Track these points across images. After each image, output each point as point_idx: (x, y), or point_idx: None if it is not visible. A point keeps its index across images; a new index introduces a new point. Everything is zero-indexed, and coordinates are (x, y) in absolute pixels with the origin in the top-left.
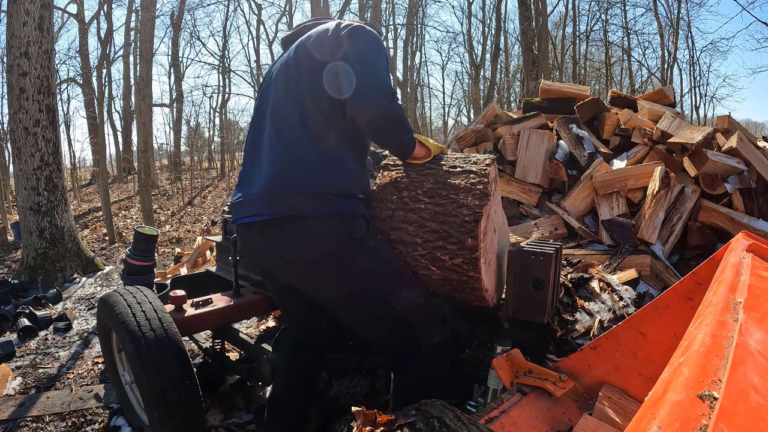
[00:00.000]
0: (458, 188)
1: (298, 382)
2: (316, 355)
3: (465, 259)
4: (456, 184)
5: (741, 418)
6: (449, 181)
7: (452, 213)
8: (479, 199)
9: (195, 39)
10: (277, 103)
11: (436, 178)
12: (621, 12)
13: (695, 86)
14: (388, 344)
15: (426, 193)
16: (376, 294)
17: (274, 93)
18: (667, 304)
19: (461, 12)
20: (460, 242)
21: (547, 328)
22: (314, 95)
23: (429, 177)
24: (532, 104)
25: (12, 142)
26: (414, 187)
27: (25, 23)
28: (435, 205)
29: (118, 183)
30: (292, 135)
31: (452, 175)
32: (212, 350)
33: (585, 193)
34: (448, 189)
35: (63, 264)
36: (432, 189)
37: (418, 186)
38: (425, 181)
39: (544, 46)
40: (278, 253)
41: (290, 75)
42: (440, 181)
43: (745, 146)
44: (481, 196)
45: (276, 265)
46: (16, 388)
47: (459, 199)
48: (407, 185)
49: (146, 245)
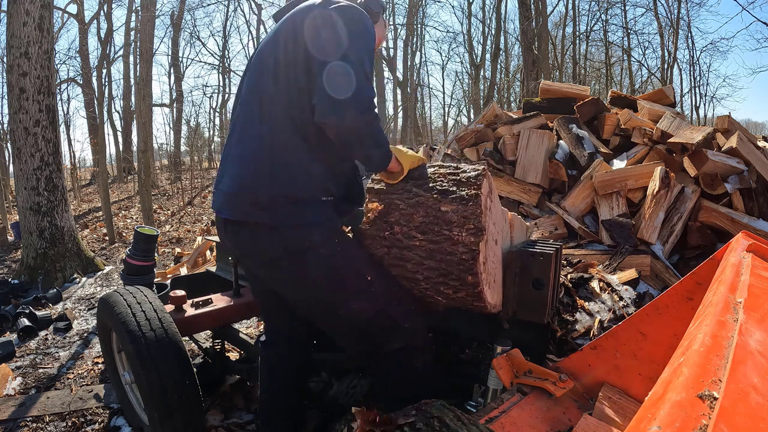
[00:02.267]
0: (451, 223)
1: (284, 385)
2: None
3: (468, 293)
4: (448, 218)
5: (741, 418)
6: (441, 211)
7: (448, 251)
8: (474, 235)
9: (195, 39)
10: (246, 95)
11: (426, 209)
12: (621, 12)
13: (695, 86)
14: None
15: (418, 228)
16: (326, 304)
17: (247, 81)
18: (667, 304)
19: (461, 12)
20: (460, 279)
21: (547, 328)
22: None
23: (419, 209)
24: (532, 104)
25: (12, 142)
26: (405, 222)
27: (25, 23)
28: (429, 242)
29: (118, 183)
30: (253, 134)
31: (443, 203)
32: (212, 350)
33: (585, 193)
34: (440, 224)
35: (63, 264)
36: (424, 224)
37: (410, 220)
38: (415, 213)
39: (544, 46)
40: (238, 248)
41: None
42: (431, 214)
43: (745, 146)
44: (476, 231)
45: (239, 257)
46: (16, 388)
47: (453, 235)
48: (398, 220)
49: (146, 245)
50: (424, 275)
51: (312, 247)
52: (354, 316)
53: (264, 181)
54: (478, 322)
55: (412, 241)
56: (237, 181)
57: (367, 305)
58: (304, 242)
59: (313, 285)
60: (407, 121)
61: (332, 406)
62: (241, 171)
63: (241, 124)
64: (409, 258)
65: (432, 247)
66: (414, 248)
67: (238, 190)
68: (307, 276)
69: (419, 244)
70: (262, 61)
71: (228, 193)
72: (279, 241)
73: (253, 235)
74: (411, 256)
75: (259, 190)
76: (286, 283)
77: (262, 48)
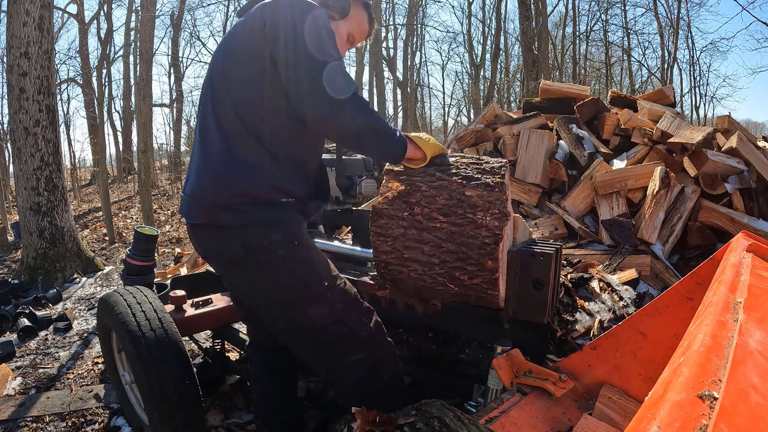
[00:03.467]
0: (475, 207)
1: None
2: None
3: (484, 279)
4: (473, 202)
5: (741, 418)
6: (465, 195)
7: (470, 234)
8: (499, 219)
9: (195, 39)
10: (202, 101)
11: (449, 192)
12: (621, 12)
13: (695, 86)
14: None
15: (440, 210)
16: (283, 309)
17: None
18: (667, 304)
19: (461, 12)
20: (479, 264)
21: (547, 328)
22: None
23: (442, 191)
24: (532, 104)
25: (12, 143)
26: (427, 203)
27: (25, 23)
28: (451, 224)
29: (118, 183)
30: (210, 140)
31: (467, 188)
32: (212, 350)
33: (585, 193)
34: (464, 207)
35: (63, 264)
36: (447, 206)
37: (431, 202)
38: (438, 196)
39: (544, 46)
40: (203, 251)
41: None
42: (455, 197)
43: (745, 146)
44: (501, 216)
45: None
46: (16, 388)
47: (477, 219)
48: (419, 200)
49: (146, 245)
50: (441, 259)
51: (270, 247)
52: (311, 322)
53: (222, 183)
54: (478, 322)
55: (433, 222)
56: (198, 185)
57: (323, 311)
58: (262, 241)
59: (270, 287)
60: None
61: (332, 406)
62: (201, 176)
63: (201, 131)
64: (428, 240)
65: (453, 230)
66: (434, 230)
67: (200, 193)
68: (264, 277)
69: (440, 226)
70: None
71: (191, 197)
72: (238, 241)
73: (215, 236)
74: (430, 238)
75: (219, 193)
76: (245, 285)
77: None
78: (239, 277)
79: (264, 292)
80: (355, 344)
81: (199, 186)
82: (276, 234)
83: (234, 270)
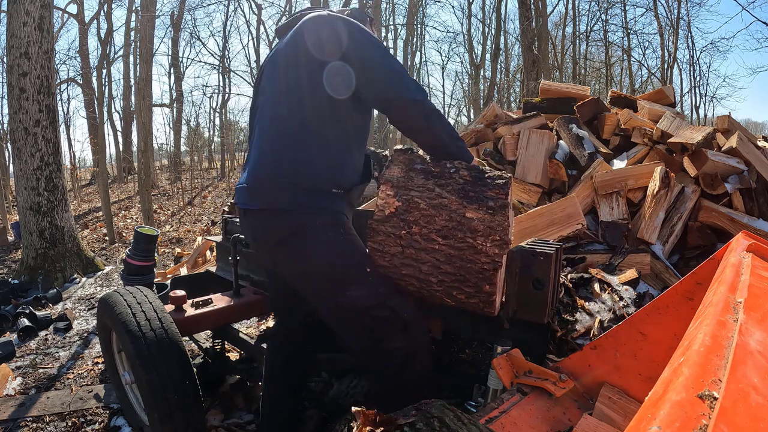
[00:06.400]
0: (476, 231)
1: (287, 383)
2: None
3: (481, 299)
4: (473, 226)
5: (741, 418)
6: (466, 217)
7: (469, 259)
8: (499, 247)
9: (195, 39)
10: (266, 96)
11: (449, 212)
12: (621, 12)
13: (695, 86)
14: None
15: (439, 232)
16: (326, 288)
17: (266, 84)
18: (667, 304)
19: (461, 12)
20: (477, 287)
21: (547, 328)
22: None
23: (441, 211)
24: (532, 104)
25: (12, 142)
26: (425, 223)
27: (25, 23)
28: (450, 247)
29: (118, 183)
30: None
31: (468, 209)
32: (212, 350)
33: (585, 193)
34: (464, 230)
35: (63, 264)
36: (446, 228)
37: (430, 222)
38: (437, 216)
39: (544, 46)
40: (252, 234)
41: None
42: (455, 219)
43: (745, 146)
44: (501, 243)
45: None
46: (16, 388)
47: (477, 245)
48: (417, 219)
49: (146, 245)
50: (438, 278)
51: (317, 229)
52: (353, 304)
53: (277, 172)
54: (478, 322)
55: (432, 244)
56: (254, 175)
57: (365, 294)
58: (313, 223)
59: (314, 266)
60: None
61: (332, 406)
62: (257, 166)
63: (260, 127)
64: (425, 260)
65: (452, 253)
66: (432, 251)
67: (255, 182)
68: (310, 256)
69: (438, 248)
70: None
71: (246, 185)
72: (288, 223)
73: (266, 219)
74: (427, 259)
75: (273, 180)
76: (291, 264)
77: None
78: (288, 256)
79: (308, 271)
80: (397, 328)
81: (256, 175)
82: (325, 218)
83: (283, 249)
